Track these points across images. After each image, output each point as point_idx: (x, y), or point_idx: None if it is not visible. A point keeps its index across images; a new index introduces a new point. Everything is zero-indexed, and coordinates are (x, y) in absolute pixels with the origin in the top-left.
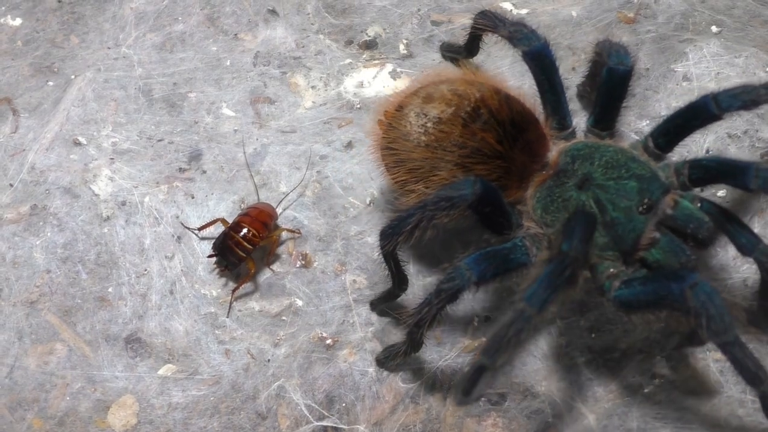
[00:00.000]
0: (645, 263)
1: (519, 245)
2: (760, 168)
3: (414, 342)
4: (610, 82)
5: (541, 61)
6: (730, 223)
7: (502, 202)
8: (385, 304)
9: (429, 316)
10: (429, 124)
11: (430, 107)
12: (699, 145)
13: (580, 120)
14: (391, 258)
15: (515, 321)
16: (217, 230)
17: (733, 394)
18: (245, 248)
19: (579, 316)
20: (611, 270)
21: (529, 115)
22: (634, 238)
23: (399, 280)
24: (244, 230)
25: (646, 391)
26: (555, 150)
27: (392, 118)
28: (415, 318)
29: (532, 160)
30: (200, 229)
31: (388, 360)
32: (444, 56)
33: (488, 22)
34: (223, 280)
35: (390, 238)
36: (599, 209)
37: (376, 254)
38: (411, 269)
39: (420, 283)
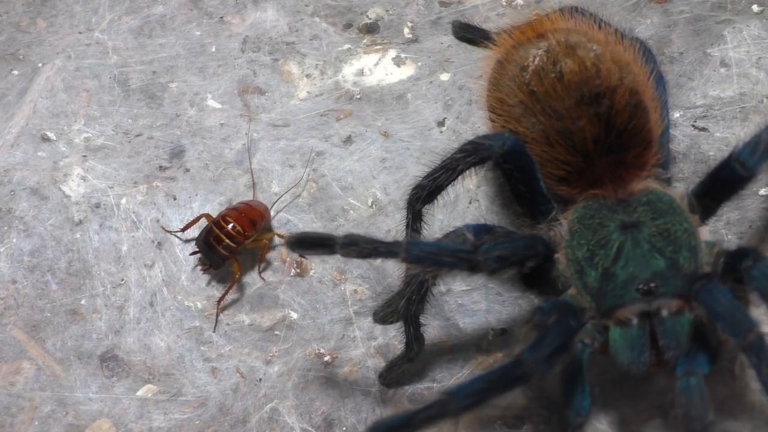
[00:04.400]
0: (605, 335)
1: (538, 237)
2: None
3: (409, 339)
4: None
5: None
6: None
7: (533, 171)
8: (397, 372)
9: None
10: (550, 74)
11: (564, 57)
12: (739, 138)
13: None
14: (410, 317)
15: (428, 409)
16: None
17: None
18: (229, 246)
19: None
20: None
21: (643, 137)
22: (612, 304)
23: (415, 340)
24: (229, 226)
25: (678, 411)
26: (640, 183)
27: (522, 40)
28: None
29: (612, 180)
30: (183, 229)
31: (390, 373)
32: (457, 36)
33: None
34: (210, 290)
35: (418, 192)
36: (616, 252)
37: (379, 261)
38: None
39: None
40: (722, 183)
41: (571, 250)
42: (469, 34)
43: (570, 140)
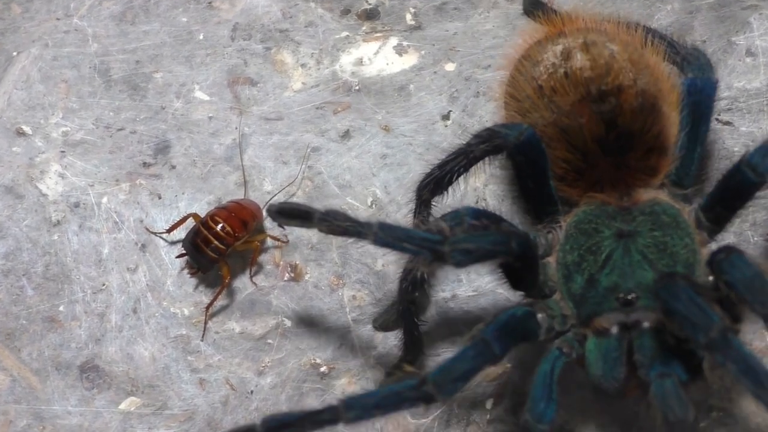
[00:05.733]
0: (582, 346)
1: (532, 237)
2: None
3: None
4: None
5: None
6: None
7: (544, 167)
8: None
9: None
10: (559, 70)
11: (577, 54)
12: (766, 132)
13: None
14: (407, 315)
15: (320, 413)
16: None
17: None
18: (218, 248)
19: None
20: (557, 325)
21: (652, 141)
22: (591, 312)
23: (413, 342)
24: (218, 226)
25: (702, 425)
26: (648, 193)
27: (544, 37)
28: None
29: (614, 184)
30: (169, 230)
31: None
32: (527, 12)
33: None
34: (197, 296)
35: (428, 178)
36: (604, 259)
37: (380, 264)
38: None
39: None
40: (733, 189)
41: (563, 254)
42: (539, 10)
43: (570, 137)
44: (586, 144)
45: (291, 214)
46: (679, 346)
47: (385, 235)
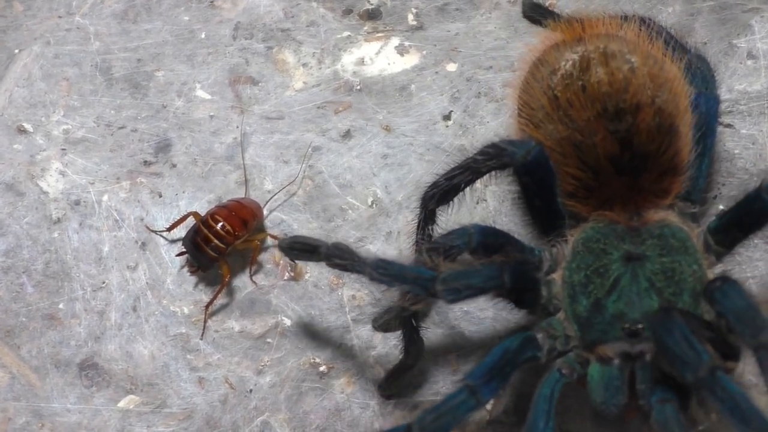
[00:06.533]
0: (586, 368)
1: (537, 253)
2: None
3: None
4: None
5: (704, 112)
6: None
7: (552, 187)
8: (397, 383)
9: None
10: (576, 82)
11: (596, 65)
12: (767, 135)
13: None
14: (406, 319)
15: None
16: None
17: None
18: (218, 247)
19: None
20: (559, 345)
21: (666, 163)
22: (595, 338)
23: (412, 344)
24: (218, 225)
25: (701, 428)
26: (658, 213)
27: (563, 42)
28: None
29: (624, 203)
30: (169, 228)
31: (389, 383)
32: (526, 15)
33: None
34: (197, 294)
35: (434, 189)
36: (612, 284)
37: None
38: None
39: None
40: (751, 215)
41: (569, 272)
42: (538, 15)
43: (583, 155)
44: (599, 162)
45: (300, 248)
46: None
47: (379, 274)
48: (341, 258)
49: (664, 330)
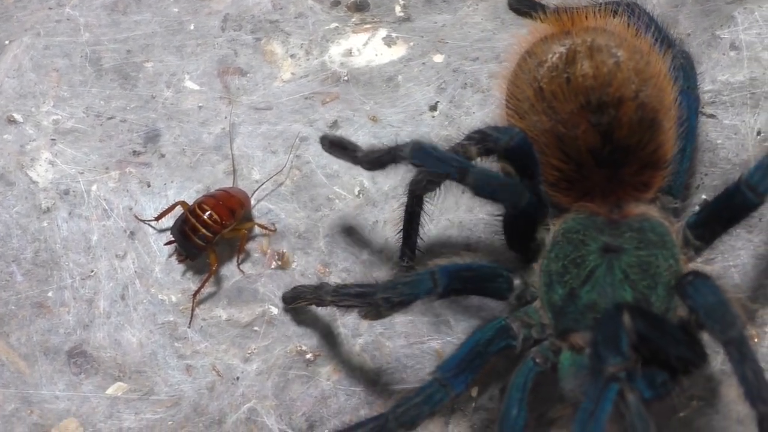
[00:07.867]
0: (556, 356)
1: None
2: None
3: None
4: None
5: (686, 109)
6: None
7: (535, 173)
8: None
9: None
10: (561, 74)
11: (581, 59)
12: (749, 126)
13: None
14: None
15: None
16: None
17: None
18: (205, 236)
19: None
20: (534, 333)
21: (647, 157)
22: (568, 327)
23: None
24: (206, 214)
25: (681, 415)
26: (639, 207)
27: (551, 34)
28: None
29: (605, 196)
30: (157, 218)
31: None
32: (513, 8)
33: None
34: (185, 283)
35: (421, 175)
36: (587, 274)
37: (366, 253)
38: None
39: None
40: (731, 209)
41: (547, 261)
42: (525, 7)
43: (565, 146)
44: (580, 154)
45: (297, 296)
46: (647, 363)
47: (332, 297)
48: (342, 296)
49: (696, 292)
